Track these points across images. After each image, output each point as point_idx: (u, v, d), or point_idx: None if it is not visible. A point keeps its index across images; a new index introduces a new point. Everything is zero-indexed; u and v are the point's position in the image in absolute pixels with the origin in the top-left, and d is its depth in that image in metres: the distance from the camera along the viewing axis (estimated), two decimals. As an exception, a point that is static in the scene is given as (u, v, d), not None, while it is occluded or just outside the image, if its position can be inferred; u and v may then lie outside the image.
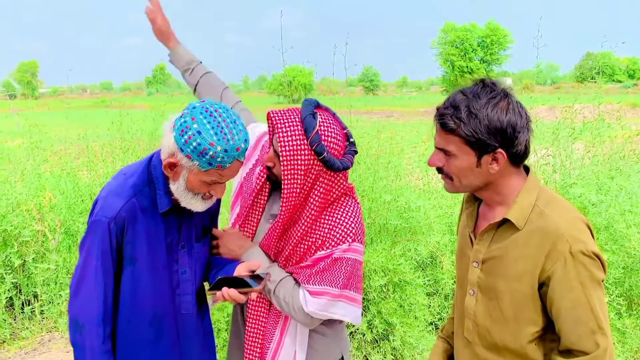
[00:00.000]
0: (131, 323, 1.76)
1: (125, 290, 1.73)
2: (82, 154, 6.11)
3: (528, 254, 1.45)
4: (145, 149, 5.81)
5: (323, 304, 1.82)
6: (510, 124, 1.41)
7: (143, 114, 6.31)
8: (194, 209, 1.72)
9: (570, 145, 4.72)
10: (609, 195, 4.22)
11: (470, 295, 1.62)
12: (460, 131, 1.43)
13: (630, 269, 4.20)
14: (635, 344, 4.09)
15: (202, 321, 1.98)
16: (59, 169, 5.63)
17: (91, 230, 1.68)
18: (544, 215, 1.45)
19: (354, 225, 1.84)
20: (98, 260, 1.66)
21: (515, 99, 1.46)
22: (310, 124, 1.72)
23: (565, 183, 4.50)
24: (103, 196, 1.72)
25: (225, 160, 1.58)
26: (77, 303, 1.69)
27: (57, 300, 4.53)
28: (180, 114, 1.61)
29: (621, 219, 4.09)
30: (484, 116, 1.40)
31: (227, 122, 1.58)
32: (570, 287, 1.40)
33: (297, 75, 56.15)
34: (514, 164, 1.49)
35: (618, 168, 4.55)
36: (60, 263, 4.65)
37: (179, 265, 1.83)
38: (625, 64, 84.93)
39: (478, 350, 1.62)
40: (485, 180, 1.50)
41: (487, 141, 1.41)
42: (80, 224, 4.85)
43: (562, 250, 1.39)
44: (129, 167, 1.82)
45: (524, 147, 1.45)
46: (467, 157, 1.46)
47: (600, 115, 4.71)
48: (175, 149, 1.60)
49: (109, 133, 6.08)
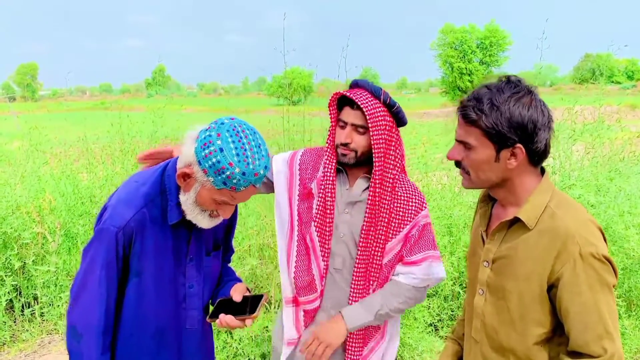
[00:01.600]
0: (133, 335, 1.72)
1: (129, 302, 1.69)
2: (82, 156, 6.11)
3: (537, 255, 1.44)
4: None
5: (425, 267, 2.08)
6: (532, 119, 1.41)
7: (142, 116, 6.30)
8: (199, 225, 1.69)
9: (570, 147, 4.73)
10: (608, 197, 4.23)
11: (480, 294, 1.62)
12: (482, 123, 1.44)
13: (629, 270, 4.21)
14: (634, 345, 4.10)
15: (205, 337, 1.94)
16: (59, 171, 5.63)
17: (98, 238, 1.63)
18: (556, 216, 1.44)
19: (420, 193, 2.15)
20: (102, 269, 1.62)
21: (539, 97, 1.46)
22: (376, 88, 2.01)
23: (564, 184, 4.50)
24: (112, 204, 1.67)
25: (240, 183, 1.54)
26: (77, 310, 1.65)
27: (57, 303, 4.53)
28: (207, 127, 1.57)
29: (620, 220, 4.10)
30: (505, 109, 1.41)
31: (252, 144, 1.55)
32: (579, 291, 1.38)
33: (296, 77, 56.16)
34: (532, 162, 1.49)
35: (617, 169, 4.56)
36: (60, 265, 4.65)
37: (186, 279, 1.79)
38: (624, 65, 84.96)
39: (485, 350, 1.62)
40: (502, 176, 1.50)
41: (507, 135, 1.42)
42: (80, 226, 4.85)
43: (572, 252, 1.38)
44: (142, 175, 1.78)
45: (543, 145, 1.45)
46: (486, 150, 1.47)
47: (600, 117, 4.72)
48: (193, 160, 1.56)
49: (109, 135, 6.08)
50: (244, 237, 4.38)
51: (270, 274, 4.11)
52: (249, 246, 4.25)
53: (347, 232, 2.11)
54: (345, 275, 2.12)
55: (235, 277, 2.04)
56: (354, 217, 2.10)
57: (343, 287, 2.12)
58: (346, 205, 2.11)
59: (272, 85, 57.42)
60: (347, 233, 2.11)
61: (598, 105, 4.97)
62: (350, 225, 2.10)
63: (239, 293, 1.83)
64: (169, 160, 1.75)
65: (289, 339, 2.20)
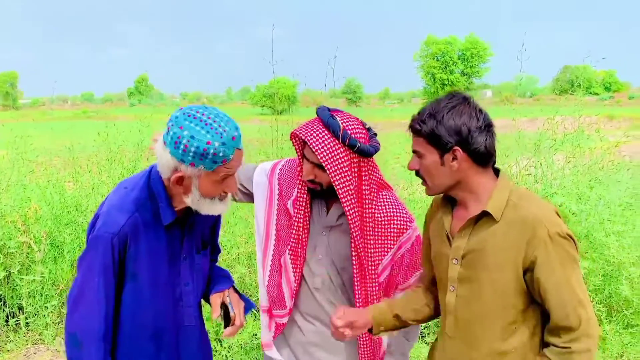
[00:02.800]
0: (132, 338, 1.75)
1: (127, 306, 1.72)
2: (67, 165, 6.08)
3: (509, 245, 1.57)
4: (132, 159, 5.80)
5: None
6: (465, 124, 1.58)
7: (129, 125, 6.30)
8: (216, 213, 1.74)
9: (552, 156, 4.84)
10: (589, 205, 4.33)
11: (451, 291, 1.71)
12: (424, 131, 1.62)
13: (609, 277, 4.31)
14: (615, 350, 4.19)
15: (203, 336, 1.99)
16: (45, 180, 5.60)
17: (92, 245, 1.66)
18: (519, 207, 1.59)
19: (402, 211, 2.08)
20: (100, 276, 1.64)
21: (475, 105, 1.62)
22: (335, 124, 1.90)
23: (546, 193, 4.60)
24: (105, 211, 1.70)
25: (227, 152, 1.59)
26: (76, 318, 1.66)
27: (43, 312, 4.50)
28: (166, 130, 1.61)
29: (600, 227, 4.20)
30: (440, 117, 1.59)
31: (212, 117, 1.59)
32: (552, 269, 1.53)
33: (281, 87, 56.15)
34: (478, 163, 1.62)
35: (597, 178, 4.67)
36: (45, 275, 4.62)
37: (181, 278, 1.82)
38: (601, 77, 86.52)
39: (459, 344, 1.70)
40: (453, 179, 1.64)
41: (444, 139, 1.59)
42: (66, 235, 4.83)
43: (541, 236, 1.52)
44: (129, 181, 1.81)
45: (483, 147, 1.59)
46: (431, 155, 1.64)
47: (580, 127, 4.85)
48: (176, 163, 1.60)
49: (95, 144, 6.06)
50: (233, 245, 4.40)
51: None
52: (237, 254, 4.28)
53: (324, 255, 2.10)
54: (326, 295, 2.12)
55: (220, 273, 2.08)
56: (331, 240, 2.10)
57: (324, 305, 2.13)
58: (324, 228, 2.10)
59: (256, 95, 57.37)
60: (324, 255, 2.10)
61: (577, 116, 5.10)
62: (328, 248, 2.10)
63: (215, 309, 1.91)
64: (152, 166, 1.78)
65: (264, 341, 2.26)
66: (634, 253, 4.12)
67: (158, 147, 1.65)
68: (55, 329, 4.45)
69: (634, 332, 4.30)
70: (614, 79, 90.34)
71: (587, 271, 4.08)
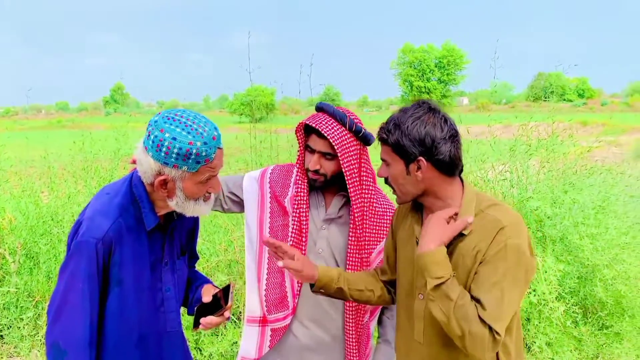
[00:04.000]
0: (118, 345, 1.73)
1: (112, 312, 1.70)
2: (43, 174, 6.00)
3: (474, 249, 1.58)
4: (108, 168, 5.75)
5: None
6: (429, 134, 1.59)
7: (104, 134, 6.25)
8: (201, 214, 1.75)
9: (527, 162, 4.93)
10: (563, 209, 4.42)
11: (420, 299, 1.71)
12: (389, 141, 1.64)
13: (584, 279, 4.39)
14: (591, 351, 4.27)
15: (184, 342, 1.98)
16: (20, 190, 5.51)
17: (76, 251, 1.63)
18: (488, 215, 1.60)
19: (392, 204, 2.18)
20: (84, 282, 1.62)
21: (441, 115, 1.63)
22: (341, 113, 2.03)
23: (522, 197, 4.68)
24: (88, 217, 1.68)
25: (209, 152, 1.61)
26: (59, 327, 1.62)
27: (18, 324, 4.42)
28: (146, 135, 1.62)
29: (575, 230, 4.28)
30: (405, 127, 1.60)
31: (192, 119, 1.61)
32: (494, 273, 1.52)
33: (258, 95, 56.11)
34: (443, 172, 1.64)
35: (571, 182, 4.77)
36: (20, 286, 4.55)
37: (162, 283, 1.82)
38: (574, 84, 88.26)
39: (434, 350, 1.71)
40: (419, 188, 1.66)
41: (409, 149, 1.60)
42: (42, 245, 4.76)
43: (500, 241, 1.54)
44: (111, 187, 1.81)
45: (448, 157, 1.60)
46: (397, 164, 1.66)
47: (554, 133, 4.95)
48: (159, 167, 1.61)
49: (70, 153, 6.00)
50: (212, 253, 4.39)
51: (239, 289, 4.12)
52: (217, 262, 4.26)
53: (325, 248, 2.16)
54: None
55: (204, 278, 2.10)
56: (331, 233, 2.16)
57: (321, 301, 2.16)
58: (323, 222, 2.17)
59: (234, 103, 57.22)
60: (325, 249, 2.16)
61: (550, 122, 5.21)
62: (329, 241, 2.16)
63: (207, 294, 1.90)
64: (132, 172, 1.78)
65: (244, 355, 2.24)
66: (607, 255, 4.20)
67: (139, 153, 1.66)
68: (31, 341, 4.37)
69: (608, 333, 4.39)
70: (586, 86, 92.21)
71: (563, 274, 4.15)
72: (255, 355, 2.21)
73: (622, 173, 5.07)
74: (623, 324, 4.36)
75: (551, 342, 4.20)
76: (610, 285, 4.25)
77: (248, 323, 2.25)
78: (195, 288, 2.03)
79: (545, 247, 4.30)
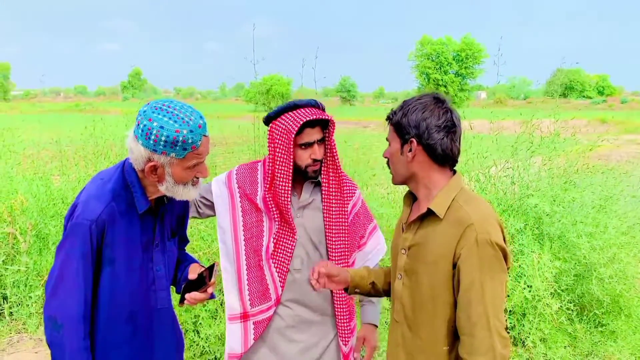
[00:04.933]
0: (109, 322, 1.84)
1: (104, 290, 1.82)
2: (55, 158, 6.14)
3: (444, 241, 1.66)
4: (118, 154, 5.87)
5: (376, 238, 2.44)
6: (425, 120, 1.68)
7: (117, 119, 6.36)
8: (190, 198, 1.87)
9: (529, 159, 4.95)
10: (562, 207, 4.44)
11: (398, 279, 1.83)
12: (393, 121, 1.77)
13: (581, 277, 4.41)
14: (585, 348, 4.30)
15: (173, 316, 2.10)
16: (32, 173, 5.66)
17: (72, 232, 1.76)
18: (461, 208, 1.67)
19: (350, 179, 2.41)
20: (79, 261, 1.74)
21: (444, 107, 1.71)
22: (315, 101, 2.22)
23: (523, 194, 4.71)
24: (83, 200, 1.80)
25: (195, 139, 1.73)
26: (56, 302, 1.74)
27: (27, 302, 4.58)
28: (136, 124, 1.74)
29: (573, 229, 4.31)
30: (407, 110, 1.72)
31: (178, 108, 1.73)
32: (470, 270, 1.60)
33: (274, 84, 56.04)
34: (435, 161, 1.72)
35: (572, 181, 4.78)
36: (30, 265, 4.70)
37: (153, 263, 1.94)
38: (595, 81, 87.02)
39: (404, 329, 1.81)
40: (409, 170, 1.75)
41: (406, 129, 1.72)
42: (52, 227, 4.90)
43: (469, 237, 1.60)
44: (105, 173, 1.92)
45: (439, 145, 1.68)
46: (395, 144, 1.77)
47: (556, 130, 4.95)
48: (148, 154, 1.73)
49: (82, 138, 6.12)
50: (214, 239, 4.48)
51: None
52: (217, 249, 4.35)
53: (303, 234, 2.28)
54: (305, 274, 2.28)
55: (192, 259, 2.23)
56: (306, 219, 2.29)
57: (303, 284, 2.28)
58: (297, 210, 2.29)
59: (250, 92, 57.26)
60: (303, 234, 2.28)
61: (557, 119, 5.19)
62: (305, 226, 2.28)
63: (193, 272, 2.03)
64: (125, 159, 1.91)
65: (230, 352, 2.34)
66: (604, 254, 4.22)
67: (130, 141, 1.78)
68: (39, 319, 4.53)
69: (603, 330, 4.42)
70: (607, 83, 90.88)
71: (559, 271, 4.18)
72: (242, 350, 2.31)
73: (625, 173, 5.06)
74: (619, 323, 4.38)
75: (545, 338, 4.25)
76: (607, 284, 4.27)
77: (229, 321, 2.35)
78: (183, 267, 2.15)
79: (542, 245, 4.33)
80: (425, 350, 1.74)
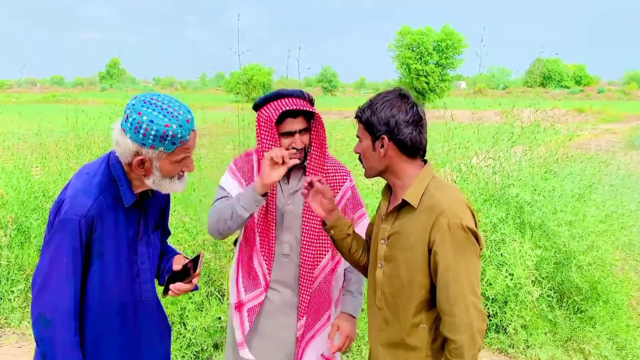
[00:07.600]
0: (100, 314, 1.85)
1: (94, 284, 1.82)
2: (35, 150, 6.05)
3: (419, 228, 1.76)
4: (101, 146, 5.81)
5: (364, 226, 2.36)
6: (394, 117, 1.78)
7: (98, 110, 6.27)
8: (177, 191, 1.89)
9: (510, 149, 5.02)
10: (543, 196, 4.52)
11: (379, 268, 1.91)
12: (362, 119, 1.86)
13: (561, 265, 4.51)
14: (565, 334, 4.41)
15: (159, 308, 2.11)
16: (11, 165, 5.57)
17: (60, 228, 1.75)
18: (433, 196, 1.77)
19: (343, 166, 2.49)
20: (68, 256, 1.74)
21: (409, 102, 1.81)
22: (300, 91, 2.28)
23: (504, 184, 4.78)
24: (71, 195, 1.79)
25: (184, 134, 1.74)
26: (45, 299, 1.73)
27: (9, 297, 4.53)
28: (124, 117, 1.74)
29: (553, 217, 4.39)
30: (375, 108, 1.81)
31: (167, 103, 1.74)
32: (445, 254, 1.71)
33: (255, 74, 55.65)
34: (406, 153, 1.82)
35: (552, 170, 4.87)
36: (12, 259, 4.65)
37: (138, 256, 1.95)
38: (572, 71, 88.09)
39: (386, 315, 1.90)
40: (382, 164, 1.85)
41: (376, 127, 1.81)
42: (33, 220, 4.85)
43: (442, 223, 1.71)
44: (90, 166, 1.92)
45: (409, 139, 1.78)
46: (366, 140, 1.86)
47: (536, 120, 5.02)
48: (137, 147, 1.73)
49: (63, 129, 6.04)
50: (199, 231, 4.49)
51: (224, 267, 4.23)
52: (203, 240, 4.36)
53: (292, 221, 2.34)
54: (293, 259, 2.36)
55: (175, 251, 2.25)
56: (295, 205, 2.35)
57: (291, 269, 2.36)
58: (287, 197, 2.35)
59: (230, 82, 56.78)
60: (292, 221, 2.34)
61: (537, 109, 5.27)
62: (294, 212, 2.35)
63: (177, 264, 2.06)
64: (109, 153, 1.90)
65: (238, 341, 2.38)
66: (583, 242, 4.31)
67: (116, 135, 1.77)
68: (22, 313, 4.49)
69: (582, 316, 4.53)
70: (584, 73, 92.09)
71: (540, 259, 4.27)
72: (241, 338, 2.36)
73: (603, 162, 5.16)
74: (597, 309, 4.49)
75: (526, 324, 4.34)
76: (586, 271, 4.37)
77: (233, 310, 2.41)
78: (167, 259, 2.17)
79: (523, 233, 4.41)
80: (406, 329, 1.84)
